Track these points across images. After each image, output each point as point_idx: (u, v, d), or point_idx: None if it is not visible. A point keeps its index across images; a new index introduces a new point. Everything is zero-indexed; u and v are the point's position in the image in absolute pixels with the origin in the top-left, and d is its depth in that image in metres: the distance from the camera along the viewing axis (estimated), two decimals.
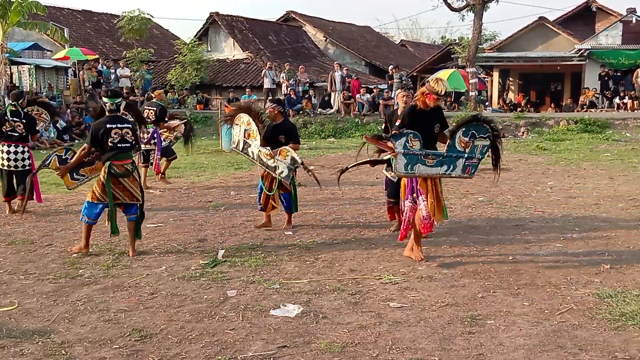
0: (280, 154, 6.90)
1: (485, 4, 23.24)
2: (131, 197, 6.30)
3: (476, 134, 5.68)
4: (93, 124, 6.35)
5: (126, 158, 6.25)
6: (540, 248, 6.40)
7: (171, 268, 5.83)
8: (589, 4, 29.23)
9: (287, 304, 4.78)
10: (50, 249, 6.60)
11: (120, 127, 6.18)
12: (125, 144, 6.20)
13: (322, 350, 3.96)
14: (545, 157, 14.12)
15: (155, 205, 9.00)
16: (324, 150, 16.64)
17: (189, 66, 25.56)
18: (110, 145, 6.13)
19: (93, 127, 6.27)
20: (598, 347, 3.94)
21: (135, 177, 6.33)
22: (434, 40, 53.43)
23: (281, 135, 7.12)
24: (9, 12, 19.57)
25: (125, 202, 6.31)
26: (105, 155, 6.19)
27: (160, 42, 33.04)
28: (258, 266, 5.83)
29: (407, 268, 5.72)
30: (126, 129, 6.22)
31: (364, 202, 8.98)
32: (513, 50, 27.36)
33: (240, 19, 31.20)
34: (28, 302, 4.93)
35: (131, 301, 4.93)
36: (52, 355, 3.95)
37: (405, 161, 5.55)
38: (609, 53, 24.62)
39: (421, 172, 5.65)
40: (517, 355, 3.86)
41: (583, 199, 9.06)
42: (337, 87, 21.24)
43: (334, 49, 34.91)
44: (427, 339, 4.12)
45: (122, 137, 6.17)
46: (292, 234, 7.16)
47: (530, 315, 4.50)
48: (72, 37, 26.68)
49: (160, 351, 3.99)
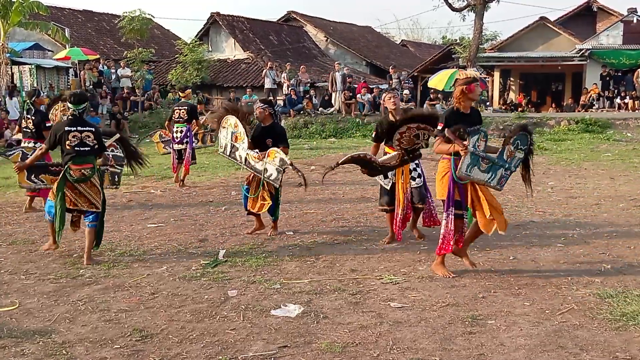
0: (269, 155, 6.67)
1: (486, 4, 23.25)
2: (89, 204, 6.09)
3: (519, 144, 5.40)
4: (53, 126, 6.38)
5: (84, 162, 6.03)
6: (541, 248, 6.39)
7: (172, 268, 5.84)
8: (589, 4, 29.23)
9: (287, 304, 4.78)
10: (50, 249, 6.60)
11: (80, 130, 6.02)
12: (85, 148, 6.01)
13: (322, 350, 3.96)
14: (546, 157, 14.11)
15: (156, 205, 9.01)
16: (325, 150, 16.64)
17: (189, 66, 25.58)
18: (67, 149, 5.99)
19: (52, 128, 6.29)
20: (599, 347, 3.94)
21: (94, 182, 6.10)
22: (435, 41, 53.43)
23: (268, 139, 6.87)
24: (10, 12, 19.60)
25: (82, 208, 6.14)
26: (64, 159, 6.07)
27: (161, 42, 33.05)
28: (259, 266, 5.83)
29: (408, 268, 5.72)
30: (87, 132, 6.03)
31: (364, 202, 8.98)
32: (514, 50, 27.35)
33: (241, 19, 31.21)
34: (29, 302, 4.94)
35: (132, 301, 4.93)
36: (53, 355, 3.95)
37: (469, 162, 5.17)
38: (609, 53, 24.61)
39: (474, 176, 5.26)
40: (518, 355, 3.85)
41: (584, 199, 9.05)
42: (337, 87, 21.24)
43: (334, 49, 34.90)
44: (428, 339, 4.12)
45: (81, 140, 5.99)
46: (293, 234, 7.16)
47: (531, 315, 4.49)
48: (73, 37, 26.70)
49: (161, 351, 3.99)
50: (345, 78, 21.30)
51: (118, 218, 8.17)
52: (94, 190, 6.12)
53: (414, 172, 6.57)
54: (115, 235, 7.21)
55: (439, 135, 5.27)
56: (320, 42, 35.00)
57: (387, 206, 6.62)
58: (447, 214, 5.31)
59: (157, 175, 12.05)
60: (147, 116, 22.29)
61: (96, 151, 6.17)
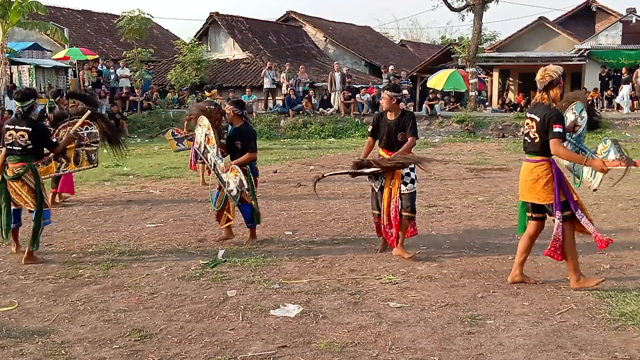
0: (231, 171, 6.43)
1: (485, 4, 23.25)
2: (24, 203, 6.08)
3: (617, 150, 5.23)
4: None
5: (18, 161, 5.99)
6: (540, 248, 6.38)
7: (171, 268, 5.83)
8: (588, 4, 29.28)
9: (287, 304, 4.78)
10: (50, 249, 6.60)
11: (17, 129, 5.98)
12: (16, 147, 5.96)
13: (321, 350, 3.96)
14: None
15: (155, 206, 9.01)
16: (324, 150, 16.64)
17: (188, 66, 25.57)
18: (5, 146, 6.02)
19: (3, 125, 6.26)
20: (598, 347, 3.94)
21: (25, 181, 6.01)
22: (434, 40, 53.48)
23: (237, 141, 6.58)
24: (9, 12, 19.60)
25: (20, 207, 6.15)
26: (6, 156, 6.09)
27: (160, 42, 33.07)
28: (258, 266, 5.83)
29: (407, 268, 5.72)
30: (22, 132, 5.95)
31: (364, 202, 8.97)
32: (513, 50, 27.38)
33: (240, 19, 31.22)
34: (28, 302, 4.93)
35: (131, 301, 4.93)
36: (52, 355, 3.95)
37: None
38: (608, 53, 24.63)
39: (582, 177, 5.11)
40: (517, 355, 3.86)
41: (583, 198, 8.99)
42: (337, 87, 21.25)
43: (334, 49, 34.92)
44: (427, 338, 4.12)
45: (15, 139, 5.96)
46: (292, 234, 7.16)
47: (530, 315, 4.49)
48: (72, 37, 26.71)
49: (160, 351, 3.99)
50: (344, 78, 21.31)
51: (117, 218, 8.17)
52: (25, 189, 6.05)
53: (406, 177, 5.98)
54: (114, 235, 7.21)
55: (559, 138, 4.80)
56: (319, 42, 35.02)
57: (377, 210, 6.18)
58: (559, 218, 4.93)
59: (157, 175, 12.05)
60: (146, 116, 22.29)
61: (31, 151, 6.06)
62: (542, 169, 4.95)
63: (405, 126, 5.99)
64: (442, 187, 10.14)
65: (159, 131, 19.97)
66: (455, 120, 20.23)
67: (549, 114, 4.86)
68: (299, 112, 21.09)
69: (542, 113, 4.90)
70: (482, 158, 14.15)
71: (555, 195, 4.90)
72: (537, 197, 4.99)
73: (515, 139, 18.42)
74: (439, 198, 9.23)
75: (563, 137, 4.87)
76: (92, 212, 8.60)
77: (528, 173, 5.03)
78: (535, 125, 4.94)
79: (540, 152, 4.94)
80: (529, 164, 5.05)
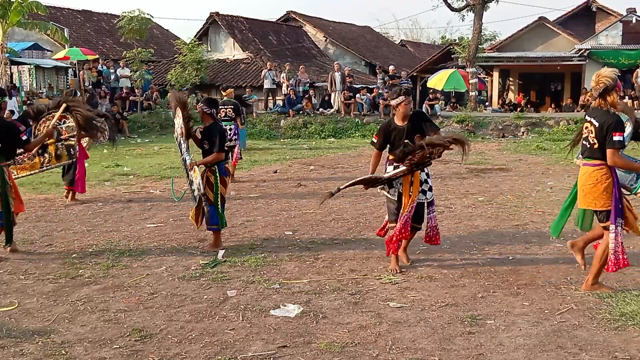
0: (194, 172, 6.38)
1: (485, 4, 23.24)
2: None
3: None
4: None
5: None
6: (540, 248, 6.39)
7: (171, 268, 5.83)
8: (589, 4, 29.26)
9: (287, 304, 4.78)
10: (50, 249, 6.60)
11: None
12: None
13: (322, 350, 3.96)
14: (545, 157, 14.12)
15: (155, 205, 9.01)
16: (324, 150, 16.63)
17: (189, 66, 25.57)
18: None
19: None
20: (598, 347, 3.94)
21: None
22: (434, 40, 53.46)
23: (205, 141, 6.45)
24: (9, 12, 19.58)
25: None
26: None
27: (160, 42, 33.06)
28: (258, 266, 5.83)
29: (407, 268, 5.72)
30: None
31: (364, 202, 8.98)
32: (513, 50, 27.37)
33: (240, 19, 31.21)
34: (28, 302, 4.93)
35: (131, 301, 4.93)
36: (52, 355, 3.95)
37: None
38: (609, 53, 24.62)
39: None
40: (517, 355, 3.86)
41: None
42: (337, 87, 21.25)
43: (334, 49, 34.92)
44: (427, 338, 4.12)
45: None
46: (292, 234, 7.16)
47: (530, 315, 4.50)
48: (72, 37, 26.71)
49: (160, 351, 3.99)
50: (344, 78, 21.31)
51: (117, 218, 8.17)
52: None
53: (424, 185, 5.69)
54: (114, 235, 7.21)
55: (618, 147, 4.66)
56: (320, 42, 35.02)
57: (394, 223, 5.68)
58: (616, 226, 4.76)
59: (157, 175, 12.04)
60: (146, 116, 22.29)
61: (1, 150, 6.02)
62: (602, 173, 4.77)
63: (421, 127, 5.65)
64: (442, 187, 10.14)
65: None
66: (455, 120, 20.22)
67: (608, 120, 4.68)
68: (299, 112, 21.09)
69: (601, 119, 4.72)
70: (482, 158, 14.15)
71: (615, 200, 4.72)
72: (595, 203, 4.81)
73: (515, 139, 18.42)
74: (439, 198, 9.21)
75: (622, 146, 4.67)
76: (92, 212, 8.60)
77: (587, 177, 4.84)
78: (594, 130, 4.75)
79: (600, 156, 4.76)
80: (587, 168, 4.85)
